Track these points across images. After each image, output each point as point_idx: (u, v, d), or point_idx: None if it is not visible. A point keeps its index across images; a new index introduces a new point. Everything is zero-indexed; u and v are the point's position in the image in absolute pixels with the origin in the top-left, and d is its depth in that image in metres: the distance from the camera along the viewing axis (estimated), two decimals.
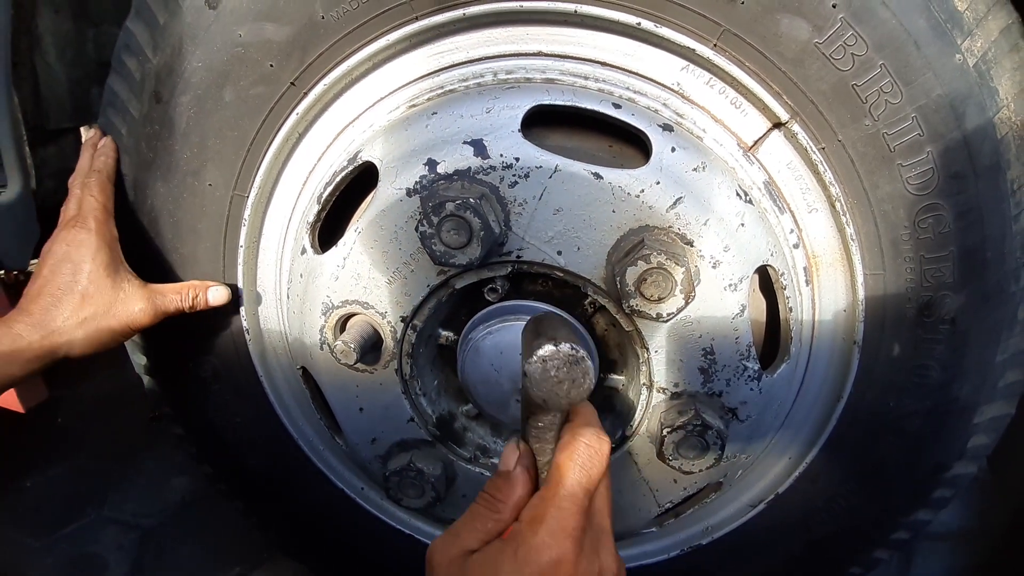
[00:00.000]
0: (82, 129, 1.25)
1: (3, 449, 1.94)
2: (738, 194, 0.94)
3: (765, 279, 1.05)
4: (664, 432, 0.98)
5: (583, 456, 0.70)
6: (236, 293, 1.17)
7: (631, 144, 0.99)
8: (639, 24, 0.92)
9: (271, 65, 1.01)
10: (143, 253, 1.15)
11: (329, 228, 1.11)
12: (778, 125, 0.96)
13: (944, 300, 1.00)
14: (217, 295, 1.11)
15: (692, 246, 0.91)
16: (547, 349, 0.65)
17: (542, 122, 0.99)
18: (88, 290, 1.02)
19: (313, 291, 1.04)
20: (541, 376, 0.65)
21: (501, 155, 0.91)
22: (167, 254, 1.15)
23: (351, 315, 1.05)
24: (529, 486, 0.73)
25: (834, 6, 0.85)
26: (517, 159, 0.91)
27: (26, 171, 1.15)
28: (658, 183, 0.90)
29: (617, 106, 0.94)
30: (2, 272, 1.42)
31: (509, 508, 0.72)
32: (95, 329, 1.02)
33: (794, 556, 1.25)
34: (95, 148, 1.13)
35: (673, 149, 0.92)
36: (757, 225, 0.95)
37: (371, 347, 1.05)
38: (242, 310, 1.19)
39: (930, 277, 0.99)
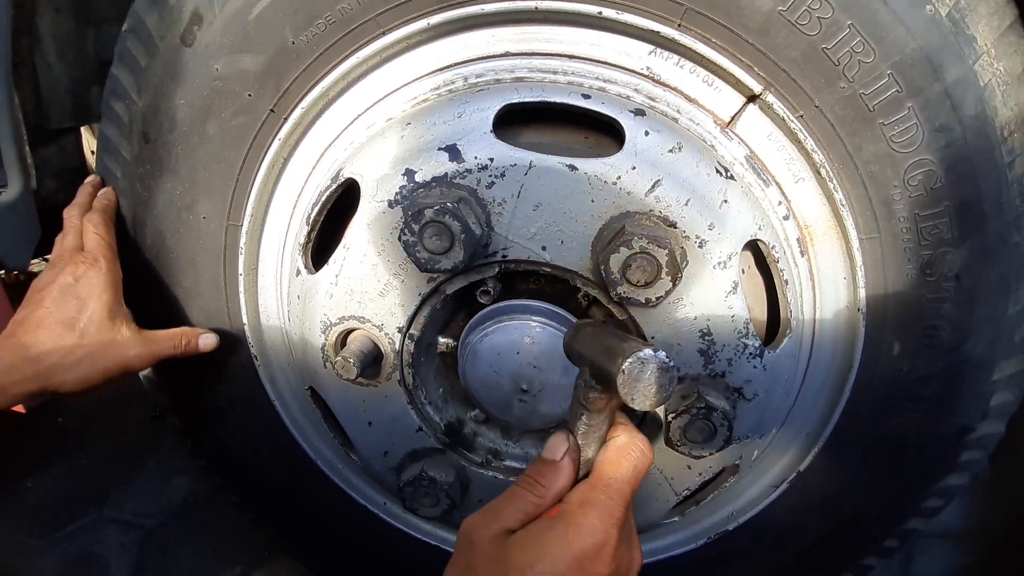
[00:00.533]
0: (83, 130, 1.26)
1: (4, 449, 1.91)
2: (718, 171, 0.93)
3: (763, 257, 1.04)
4: (669, 417, 0.97)
5: (636, 456, 0.76)
6: (246, 348, 1.21)
7: (607, 134, 0.98)
8: (600, 13, 0.92)
9: (249, 95, 1.03)
10: (146, 290, 1.18)
11: (326, 246, 1.13)
12: (753, 98, 0.95)
13: (945, 257, 0.97)
14: (207, 341, 1.15)
15: (675, 227, 0.91)
16: (647, 352, 0.68)
17: (518, 121, 0.99)
18: (88, 330, 1.03)
19: (311, 311, 1.06)
20: (637, 376, 0.68)
21: (475, 157, 0.92)
22: (170, 289, 1.18)
23: (350, 331, 1.06)
24: (573, 477, 0.78)
25: None
26: (492, 159, 0.92)
27: (27, 171, 1.15)
28: (634, 168, 0.90)
29: (586, 96, 0.94)
30: (2, 272, 1.43)
31: (551, 495, 0.76)
32: (88, 371, 1.03)
33: (824, 535, 1.22)
34: (95, 188, 1.16)
35: (647, 133, 0.92)
36: (741, 200, 0.94)
37: (372, 360, 1.06)
38: (248, 337, 1.22)
39: (927, 235, 0.96)
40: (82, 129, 1.38)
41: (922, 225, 0.96)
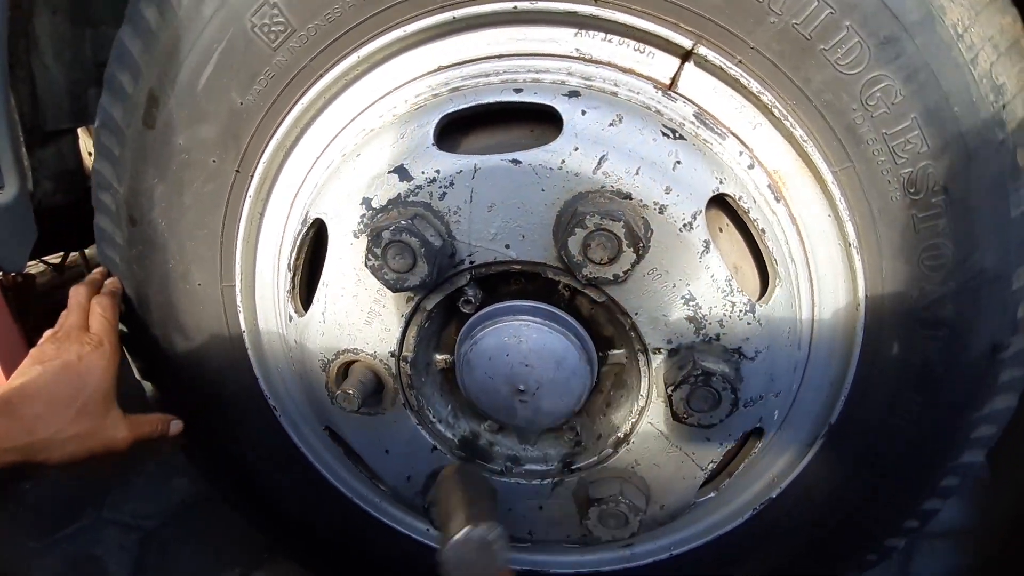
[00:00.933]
0: (80, 131, 1.21)
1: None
2: (665, 134, 0.92)
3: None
4: (669, 391, 0.94)
5: None
6: (264, 400, 1.25)
7: (552, 123, 0.98)
8: (516, 8, 0.93)
9: (214, 160, 1.09)
10: (156, 361, 1.24)
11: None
12: (687, 55, 0.93)
13: (927, 171, 0.92)
14: (175, 427, 1.22)
15: (631, 199, 0.89)
16: (461, 535, 0.72)
17: (464, 129, 1.01)
18: (84, 410, 1.05)
19: (309, 351, 1.09)
20: (456, 563, 0.73)
21: (423, 172, 0.93)
22: (181, 357, 1.24)
23: (348, 363, 1.09)
24: None
25: None
26: (438, 171, 0.93)
27: (23, 172, 1.14)
28: (576, 149, 0.89)
29: (518, 90, 0.94)
30: None
31: None
32: (76, 449, 1.05)
33: (875, 483, 1.15)
34: (103, 276, 1.23)
35: (583, 112, 0.91)
36: (695, 158, 0.92)
37: (374, 389, 1.08)
38: (264, 389, 1.26)
39: (902, 152, 0.92)
40: (79, 131, 1.38)
41: (893, 143, 0.91)
